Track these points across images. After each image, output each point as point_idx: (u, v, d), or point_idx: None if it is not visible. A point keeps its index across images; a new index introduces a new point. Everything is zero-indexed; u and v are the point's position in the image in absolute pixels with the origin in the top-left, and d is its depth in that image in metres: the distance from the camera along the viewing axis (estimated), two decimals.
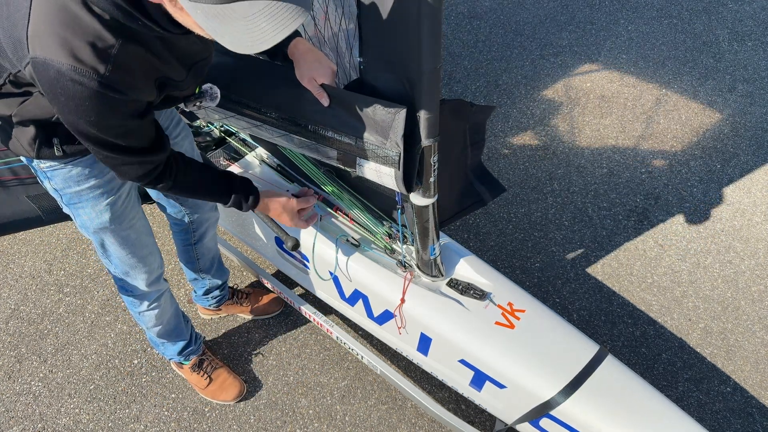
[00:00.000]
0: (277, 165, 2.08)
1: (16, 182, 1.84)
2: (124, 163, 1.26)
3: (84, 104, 1.06)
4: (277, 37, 0.88)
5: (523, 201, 2.84)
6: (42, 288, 2.56)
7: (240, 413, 2.15)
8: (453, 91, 3.45)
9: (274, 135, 1.55)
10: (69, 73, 1.01)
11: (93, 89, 1.04)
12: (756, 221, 2.75)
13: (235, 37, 0.89)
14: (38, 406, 2.19)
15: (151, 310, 1.87)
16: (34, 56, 1.02)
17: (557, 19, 3.96)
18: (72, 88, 1.03)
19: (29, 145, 1.32)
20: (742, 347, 2.31)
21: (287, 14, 0.87)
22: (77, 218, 1.54)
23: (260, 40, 0.88)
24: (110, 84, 1.05)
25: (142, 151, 1.25)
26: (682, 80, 3.46)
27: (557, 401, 1.52)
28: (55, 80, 1.03)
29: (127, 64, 1.06)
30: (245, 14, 0.86)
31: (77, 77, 1.02)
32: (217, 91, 1.41)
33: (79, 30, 1.01)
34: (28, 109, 1.24)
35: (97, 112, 1.09)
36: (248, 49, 0.91)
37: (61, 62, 1.01)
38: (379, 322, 1.85)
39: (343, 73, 1.47)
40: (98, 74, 1.03)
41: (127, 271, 1.71)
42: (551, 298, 2.46)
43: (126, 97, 1.10)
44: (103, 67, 1.03)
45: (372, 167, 1.38)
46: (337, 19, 1.38)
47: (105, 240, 1.60)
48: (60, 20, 1.00)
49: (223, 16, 0.87)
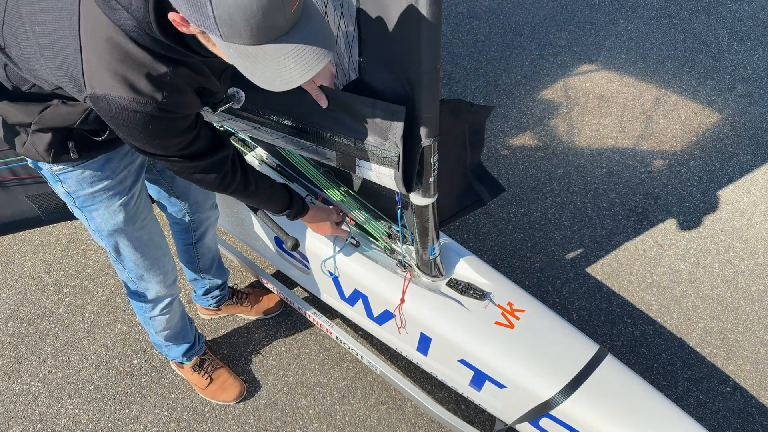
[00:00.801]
0: (276, 165, 2.08)
1: (15, 182, 1.84)
2: (198, 171, 1.33)
3: (147, 129, 1.14)
4: (305, 77, 0.95)
5: (522, 201, 2.84)
6: (41, 288, 2.56)
7: (240, 413, 2.15)
8: (452, 91, 3.45)
9: (273, 137, 1.55)
10: (130, 105, 1.08)
11: (153, 116, 1.11)
12: (755, 221, 2.75)
13: (265, 76, 0.95)
14: (38, 407, 2.19)
15: (163, 314, 1.88)
16: (93, 93, 1.08)
17: (557, 19, 3.96)
18: (134, 117, 1.10)
19: (45, 151, 1.34)
20: (741, 347, 2.31)
21: (314, 56, 0.94)
22: (91, 222, 1.54)
23: (288, 80, 0.95)
24: (167, 108, 1.12)
25: (207, 154, 1.31)
26: (681, 80, 3.47)
27: (557, 401, 1.52)
28: (118, 113, 1.10)
29: (179, 87, 1.14)
30: (275, 56, 0.92)
31: (138, 107, 1.09)
32: (242, 95, 1.44)
33: (132, 64, 1.06)
34: (48, 117, 1.28)
35: (160, 135, 1.18)
36: (276, 88, 0.97)
37: (122, 96, 1.07)
38: (379, 322, 1.85)
39: (342, 74, 1.47)
40: (157, 102, 1.10)
41: (141, 274, 1.71)
42: (551, 298, 2.46)
43: (180, 115, 1.18)
44: (160, 94, 1.10)
45: (371, 168, 1.38)
46: (335, 21, 1.38)
47: (119, 243, 1.60)
48: (113, 57, 1.06)
49: (254, 56, 0.92)
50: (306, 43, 0.93)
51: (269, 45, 0.91)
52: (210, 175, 1.36)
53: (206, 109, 1.58)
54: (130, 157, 1.50)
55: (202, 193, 1.90)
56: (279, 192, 1.58)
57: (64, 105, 1.25)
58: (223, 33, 0.90)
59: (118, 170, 1.48)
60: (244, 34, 0.89)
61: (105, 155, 1.43)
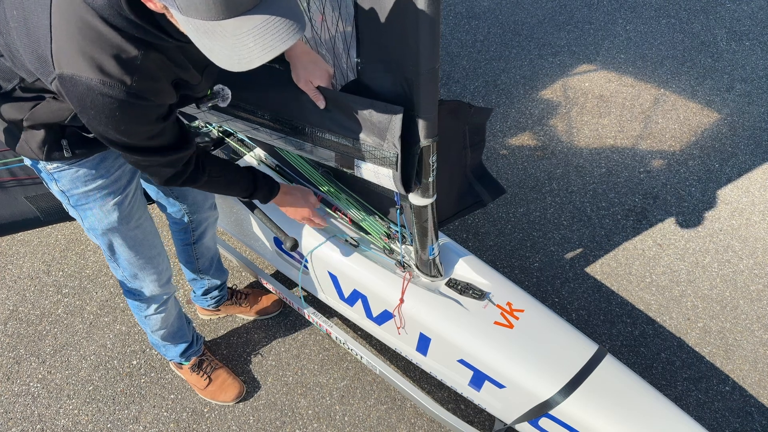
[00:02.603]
0: (275, 165, 2.08)
1: (14, 183, 1.83)
2: (157, 164, 1.29)
3: (114, 115, 1.09)
4: (265, 57, 0.89)
5: (521, 201, 2.84)
6: (40, 289, 2.56)
7: (239, 414, 2.15)
8: (451, 91, 3.45)
9: (272, 137, 1.55)
10: (98, 87, 1.04)
11: (122, 100, 1.07)
12: (754, 220, 2.75)
13: (223, 54, 0.90)
14: (37, 408, 2.19)
15: (159, 313, 1.88)
16: (61, 73, 1.05)
17: (555, 19, 3.96)
18: (101, 101, 1.06)
19: (38, 148, 1.34)
20: (740, 346, 2.31)
21: (276, 35, 0.88)
22: (85, 220, 1.54)
23: (247, 59, 0.89)
24: (137, 93, 1.08)
25: (170, 149, 1.27)
26: (680, 80, 3.47)
27: (556, 401, 1.52)
28: (85, 95, 1.06)
29: (150, 72, 1.09)
30: (234, 32, 0.87)
31: (106, 90, 1.05)
32: (228, 92, 1.43)
33: (103, 44, 1.03)
34: (40, 113, 1.27)
35: (127, 121, 1.13)
36: (235, 67, 0.92)
37: (90, 77, 1.03)
38: (378, 322, 1.85)
39: (341, 74, 1.47)
40: (125, 85, 1.06)
41: (135, 273, 1.71)
42: (550, 298, 2.46)
43: (152, 103, 1.13)
44: (129, 78, 1.06)
45: (370, 168, 1.38)
46: (334, 21, 1.38)
47: (113, 242, 1.60)
48: (83, 36, 1.02)
49: (212, 32, 0.88)
50: (270, 23, 0.88)
51: (228, 21, 0.87)
52: (166, 170, 1.32)
53: (203, 109, 1.58)
54: None
55: (201, 194, 1.90)
56: (239, 177, 1.53)
57: (54, 101, 1.24)
58: (180, 6, 0.86)
59: (113, 169, 1.47)
60: (200, 7, 0.85)
61: (99, 154, 1.43)
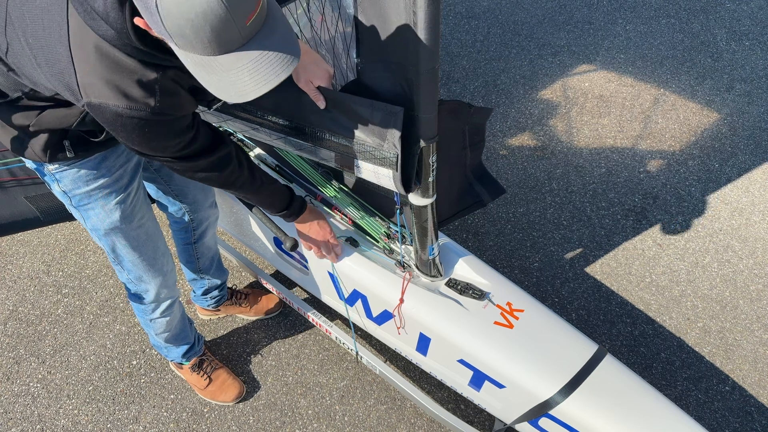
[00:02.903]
0: (275, 165, 2.08)
1: (14, 183, 1.83)
2: (200, 170, 1.34)
3: (144, 133, 1.16)
4: (259, 91, 0.94)
5: (521, 201, 2.84)
6: (40, 289, 2.56)
7: (239, 414, 2.15)
8: (451, 91, 3.45)
9: (272, 137, 1.55)
10: (125, 111, 1.10)
11: (149, 120, 1.13)
12: (754, 220, 2.75)
13: (221, 87, 0.95)
14: (37, 408, 2.19)
15: (164, 317, 1.88)
16: (89, 102, 1.11)
17: (555, 19, 3.97)
18: (131, 123, 1.12)
19: (42, 151, 1.35)
20: (740, 346, 2.31)
21: (270, 69, 0.93)
22: (87, 221, 1.54)
23: (243, 92, 0.94)
24: (162, 111, 1.13)
25: (207, 152, 1.32)
26: (680, 80, 3.47)
27: (556, 401, 1.52)
28: (114, 120, 1.12)
29: (170, 89, 1.14)
30: (230, 67, 0.92)
31: (133, 114, 1.11)
32: None
33: (123, 71, 1.08)
34: (46, 119, 1.29)
35: (157, 137, 1.19)
36: (232, 99, 0.97)
37: (117, 105, 1.09)
38: (378, 322, 1.85)
39: (341, 74, 1.47)
40: (150, 107, 1.11)
41: (140, 275, 1.71)
42: (550, 298, 2.47)
43: (175, 116, 1.19)
44: (153, 99, 1.11)
45: (370, 169, 1.38)
46: (333, 21, 1.38)
47: (116, 242, 1.60)
48: (103, 65, 1.07)
49: (210, 66, 0.92)
50: (264, 58, 0.92)
51: (224, 56, 0.91)
52: (213, 173, 1.37)
53: (203, 109, 1.58)
54: (126, 156, 1.50)
55: (201, 192, 1.90)
56: (280, 191, 1.58)
57: (61, 107, 1.27)
58: (177, 42, 0.90)
59: (114, 169, 1.48)
60: (196, 45, 0.89)
61: (100, 154, 1.43)
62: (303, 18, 1.54)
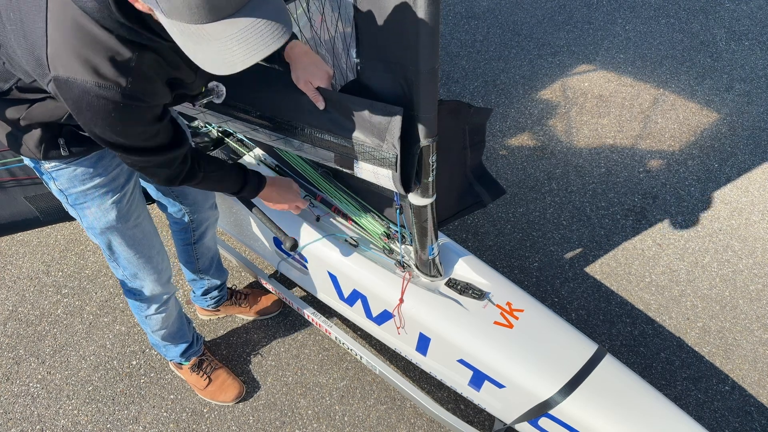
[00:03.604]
0: (275, 165, 2.08)
1: (13, 183, 1.83)
2: (154, 165, 1.30)
3: (110, 116, 1.10)
4: (249, 61, 0.90)
5: (521, 201, 2.84)
6: (40, 289, 2.56)
7: (239, 414, 2.15)
8: (451, 91, 3.45)
9: (272, 138, 1.55)
10: (93, 89, 1.05)
11: (117, 101, 1.08)
12: (753, 220, 2.76)
13: (207, 57, 0.91)
14: (36, 408, 2.19)
15: (159, 313, 1.88)
16: (56, 75, 1.06)
17: (555, 18, 3.97)
18: (97, 102, 1.07)
19: (36, 147, 1.34)
20: (740, 346, 2.31)
21: (260, 39, 0.89)
22: (84, 219, 1.54)
23: (230, 62, 0.90)
24: (132, 94, 1.09)
25: (166, 149, 1.28)
26: (679, 80, 3.47)
27: (556, 401, 1.52)
28: (81, 97, 1.07)
29: (145, 73, 1.10)
30: (218, 36, 0.87)
31: (102, 92, 1.06)
32: (222, 89, 1.43)
33: (97, 47, 1.04)
34: (36, 113, 1.27)
35: (123, 122, 1.14)
36: (219, 71, 0.92)
37: (85, 80, 1.05)
38: (378, 322, 1.85)
39: (340, 74, 1.47)
40: (121, 87, 1.07)
41: (135, 272, 1.71)
42: (550, 298, 2.47)
43: (147, 104, 1.14)
44: (124, 80, 1.07)
45: (369, 169, 1.38)
46: (333, 21, 1.38)
47: (112, 240, 1.60)
48: (78, 39, 1.03)
49: (197, 36, 0.88)
50: (255, 26, 0.88)
51: (212, 24, 0.86)
52: (162, 170, 1.33)
53: (203, 110, 1.58)
54: None
55: (202, 193, 1.90)
56: (230, 176, 1.54)
57: (51, 100, 1.25)
58: (163, 9, 0.86)
59: (110, 168, 1.48)
60: (184, 12, 0.85)
61: (97, 153, 1.43)
62: (303, 18, 1.54)
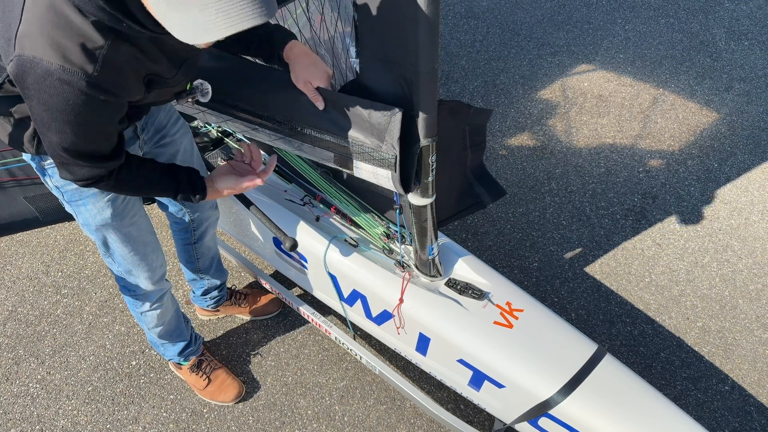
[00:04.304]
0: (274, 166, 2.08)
1: (13, 183, 1.83)
2: (77, 165, 1.23)
3: (67, 104, 1.06)
4: (224, 31, 0.88)
5: (521, 200, 2.84)
6: (39, 289, 2.56)
7: (239, 414, 2.15)
8: (450, 91, 3.45)
9: (271, 138, 1.55)
10: (57, 72, 1.02)
11: (80, 89, 1.04)
12: (753, 220, 2.76)
13: (183, 25, 0.89)
14: (36, 408, 2.19)
15: (154, 310, 1.87)
16: (21, 53, 1.03)
17: (554, 18, 3.97)
18: (59, 87, 1.04)
19: (29, 141, 1.33)
20: (739, 345, 2.31)
21: (241, 13, 0.87)
22: (79, 216, 1.54)
23: (206, 29, 0.88)
24: (98, 84, 1.05)
25: (101, 158, 1.24)
26: (679, 79, 3.47)
27: (556, 400, 1.52)
28: (42, 78, 1.04)
29: (116, 64, 1.07)
30: (199, 3, 0.86)
31: (65, 76, 1.03)
32: (208, 87, 1.40)
33: (70, 31, 1.02)
34: (24, 107, 1.24)
35: (78, 113, 1.09)
36: (192, 39, 0.90)
37: (51, 62, 1.02)
38: (378, 322, 1.85)
39: (340, 74, 1.47)
40: (86, 74, 1.03)
41: (129, 269, 1.71)
42: (549, 298, 2.47)
43: (113, 98, 1.10)
44: (91, 67, 1.03)
45: (369, 169, 1.38)
46: (333, 21, 1.38)
47: (107, 237, 1.59)
48: (51, 21, 1.01)
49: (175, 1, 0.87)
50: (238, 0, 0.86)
51: None
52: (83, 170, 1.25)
53: (202, 109, 1.57)
54: None
55: None
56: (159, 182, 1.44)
57: None
58: None
59: None
60: None
61: None
62: (302, 18, 1.54)
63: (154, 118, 1.60)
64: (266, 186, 2.03)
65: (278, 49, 1.40)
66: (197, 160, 1.80)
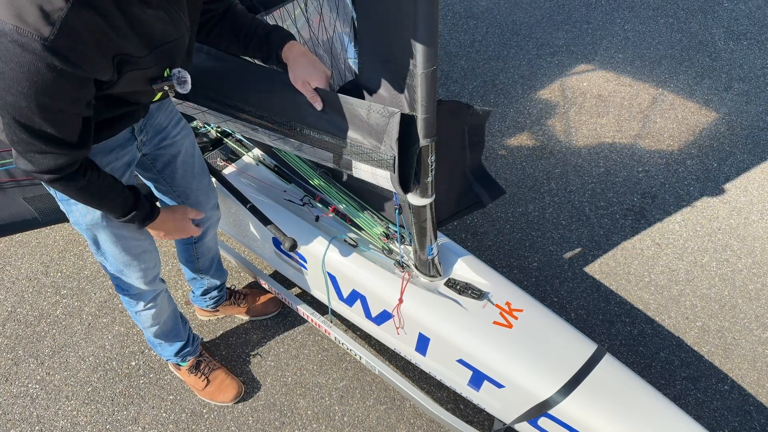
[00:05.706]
0: (274, 166, 2.08)
1: (12, 184, 1.83)
2: (40, 152, 1.17)
3: (21, 69, 1.00)
4: None
5: (520, 200, 2.84)
6: (39, 290, 2.55)
7: (238, 414, 2.15)
8: (450, 90, 3.45)
9: (271, 138, 1.55)
10: (11, 33, 0.96)
11: (35, 53, 0.98)
12: (752, 219, 2.76)
13: None
14: (35, 409, 2.18)
15: (148, 309, 1.87)
16: None
17: (554, 18, 3.97)
18: (12, 50, 0.97)
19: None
20: (739, 345, 2.31)
21: None
22: (70, 214, 1.53)
23: None
24: (55, 49, 0.98)
25: (64, 145, 1.17)
26: (678, 79, 3.47)
27: (555, 400, 1.52)
28: None
29: (76, 30, 1.00)
30: None
31: (18, 38, 0.96)
32: (186, 76, 1.29)
33: None
34: None
35: (34, 82, 1.02)
36: None
37: (4, 22, 0.96)
38: (378, 322, 1.85)
39: (338, 75, 1.47)
40: (42, 37, 0.96)
41: (121, 269, 1.70)
42: (549, 298, 2.47)
43: (71, 69, 1.02)
44: (47, 29, 0.97)
45: (368, 169, 1.38)
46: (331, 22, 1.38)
47: (98, 236, 1.58)
48: None
49: None
50: None
51: None
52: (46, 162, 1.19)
53: (202, 109, 1.57)
54: (114, 155, 1.47)
55: (204, 194, 1.89)
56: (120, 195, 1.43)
57: None
58: None
59: (101, 167, 1.45)
60: None
61: None
62: (301, 18, 1.54)
63: (153, 119, 1.60)
64: (266, 186, 2.04)
65: (276, 49, 1.40)
66: (199, 161, 1.79)
